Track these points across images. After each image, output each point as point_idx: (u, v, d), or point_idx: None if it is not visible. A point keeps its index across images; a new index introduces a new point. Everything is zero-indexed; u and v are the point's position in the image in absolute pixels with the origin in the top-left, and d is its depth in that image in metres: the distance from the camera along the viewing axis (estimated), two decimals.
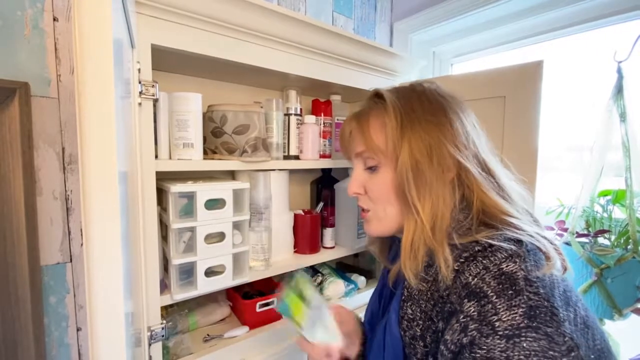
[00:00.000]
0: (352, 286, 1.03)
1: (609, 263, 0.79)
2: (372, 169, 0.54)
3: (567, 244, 0.89)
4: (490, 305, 0.37)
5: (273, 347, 0.84)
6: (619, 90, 0.83)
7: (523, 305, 0.36)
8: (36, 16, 0.69)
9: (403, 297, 0.50)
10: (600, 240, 0.87)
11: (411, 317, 0.47)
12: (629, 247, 0.81)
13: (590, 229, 0.89)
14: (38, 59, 0.70)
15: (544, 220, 0.96)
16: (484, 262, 0.40)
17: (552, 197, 1.02)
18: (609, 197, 0.88)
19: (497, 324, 0.36)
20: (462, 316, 0.39)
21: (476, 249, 0.42)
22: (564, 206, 0.96)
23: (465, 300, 0.39)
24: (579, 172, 0.96)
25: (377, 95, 0.56)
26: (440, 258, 0.44)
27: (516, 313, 0.35)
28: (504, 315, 0.36)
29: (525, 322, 0.35)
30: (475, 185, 0.48)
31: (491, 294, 0.38)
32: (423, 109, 0.51)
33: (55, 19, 0.72)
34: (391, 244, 0.67)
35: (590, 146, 0.88)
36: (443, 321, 0.43)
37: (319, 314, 0.57)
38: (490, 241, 0.42)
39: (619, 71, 0.83)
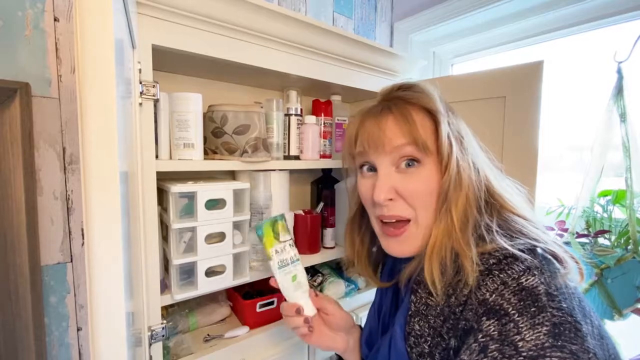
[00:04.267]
0: (352, 286, 1.03)
1: (609, 263, 0.79)
2: (409, 166, 0.48)
3: (567, 244, 0.89)
4: (512, 324, 0.34)
5: (273, 347, 0.84)
6: (619, 90, 0.83)
7: (547, 323, 0.33)
8: (37, 16, 0.69)
9: (410, 312, 0.47)
10: (601, 240, 0.87)
11: (419, 333, 0.45)
12: (629, 247, 0.81)
13: (590, 229, 0.89)
14: (39, 59, 0.70)
15: (544, 221, 0.96)
16: (501, 276, 0.38)
17: (553, 197, 1.02)
18: (609, 197, 0.88)
19: (520, 344, 0.33)
20: (480, 335, 0.36)
21: (491, 261, 0.40)
22: (564, 206, 0.96)
23: (484, 318, 0.37)
24: (580, 172, 0.96)
25: (406, 87, 0.52)
26: (466, 260, 0.41)
27: (540, 332, 0.33)
28: (527, 335, 0.33)
29: (550, 341, 0.32)
30: (490, 184, 0.48)
31: (512, 311, 0.35)
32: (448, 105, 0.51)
33: (56, 19, 0.72)
34: (380, 260, 0.65)
35: (591, 146, 0.89)
36: (456, 339, 0.41)
37: (293, 268, 0.64)
38: (505, 252, 0.40)
39: (619, 71, 0.83)
